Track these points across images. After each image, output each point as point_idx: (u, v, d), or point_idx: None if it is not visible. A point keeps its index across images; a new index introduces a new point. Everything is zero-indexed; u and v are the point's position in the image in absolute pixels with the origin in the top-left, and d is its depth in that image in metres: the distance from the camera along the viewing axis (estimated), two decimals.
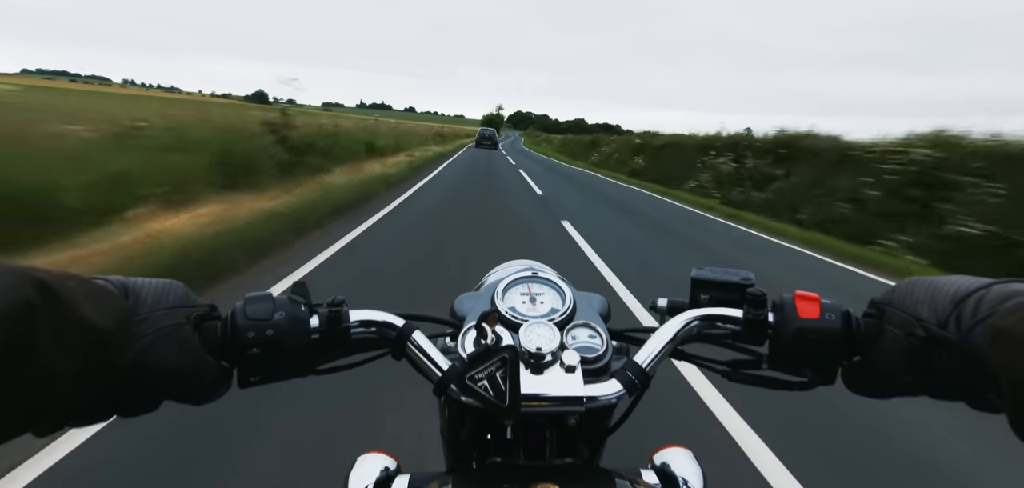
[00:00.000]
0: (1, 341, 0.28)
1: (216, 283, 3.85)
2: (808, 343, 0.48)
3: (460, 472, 0.56)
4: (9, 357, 0.29)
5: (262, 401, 1.86)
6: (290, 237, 5.26)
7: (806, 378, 0.50)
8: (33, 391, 0.31)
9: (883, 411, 2.48)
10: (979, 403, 0.41)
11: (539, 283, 0.60)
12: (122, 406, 0.40)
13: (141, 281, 0.42)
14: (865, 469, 2.19)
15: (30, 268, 0.32)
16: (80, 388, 0.35)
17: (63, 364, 0.32)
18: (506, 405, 0.43)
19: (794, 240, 8.69)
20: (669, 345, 0.52)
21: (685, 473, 0.54)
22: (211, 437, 2.02)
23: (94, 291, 0.37)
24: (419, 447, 1.98)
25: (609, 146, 30.14)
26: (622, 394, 0.48)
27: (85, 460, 1.88)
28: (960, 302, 0.41)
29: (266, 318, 0.45)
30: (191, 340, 0.42)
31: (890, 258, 7.74)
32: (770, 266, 6.51)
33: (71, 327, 0.33)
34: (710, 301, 0.56)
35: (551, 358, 0.48)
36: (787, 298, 0.50)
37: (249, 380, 0.47)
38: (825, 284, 5.79)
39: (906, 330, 0.43)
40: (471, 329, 0.52)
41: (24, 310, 0.30)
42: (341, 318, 0.50)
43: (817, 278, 6.18)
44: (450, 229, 6.73)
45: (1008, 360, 0.36)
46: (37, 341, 0.31)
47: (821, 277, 6.25)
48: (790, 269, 6.54)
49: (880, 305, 0.47)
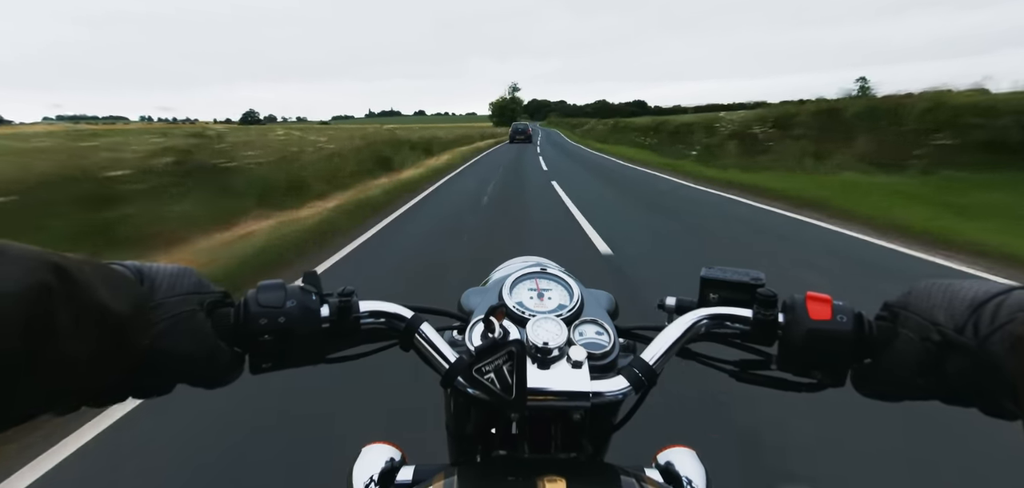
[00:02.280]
0: (19, 324, 0.29)
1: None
2: (818, 345, 0.47)
3: (465, 465, 0.56)
4: (27, 339, 0.30)
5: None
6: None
7: (816, 380, 0.50)
8: (51, 373, 0.32)
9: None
10: (994, 410, 0.41)
11: (547, 279, 0.60)
12: (136, 388, 0.41)
13: (156, 267, 0.43)
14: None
15: (47, 252, 0.33)
16: (96, 370, 0.35)
17: (80, 347, 0.33)
18: (512, 399, 0.43)
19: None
20: (677, 343, 0.52)
21: (689, 473, 0.54)
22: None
23: (110, 276, 0.37)
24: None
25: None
26: (628, 391, 0.48)
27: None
28: (978, 307, 0.40)
29: (278, 306, 0.46)
30: (205, 326, 0.43)
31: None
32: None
33: (87, 311, 0.34)
34: (719, 300, 0.56)
35: (558, 353, 0.48)
36: (798, 299, 0.49)
37: (261, 366, 0.47)
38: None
39: (921, 334, 0.43)
40: (479, 323, 0.52)
41: (41, 293, 0.31)
42: (351, 308, 0.50)
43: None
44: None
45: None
46: (55, 324, 0.31)
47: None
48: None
49: (894, 308, 0.46)
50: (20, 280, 0.30)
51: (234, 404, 2.26)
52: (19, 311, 0.29)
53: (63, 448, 2.09)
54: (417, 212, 8.05)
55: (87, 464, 2.02)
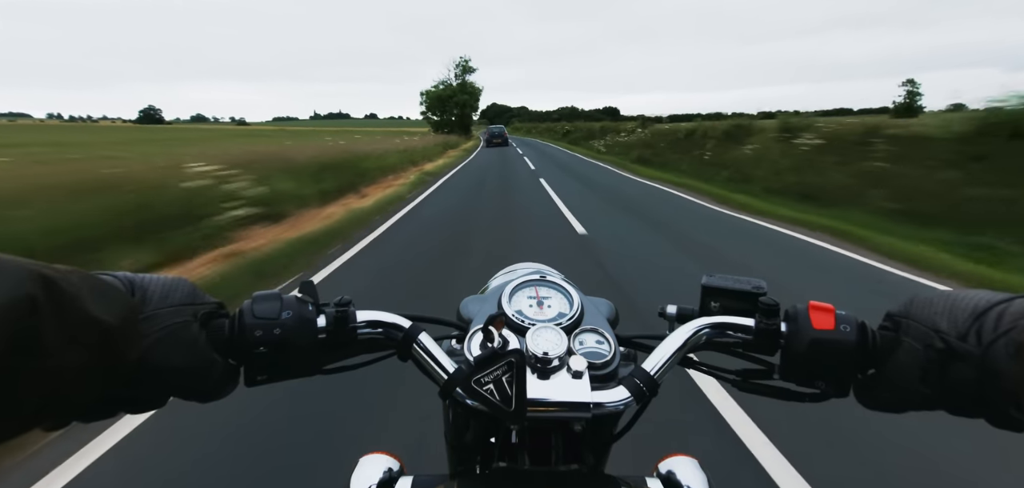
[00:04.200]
0: (4, 338, 0.28)
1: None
2: (821, 355, 0.47)
3: (464, 476, 0.55)
4: (13, 354, 0.29)
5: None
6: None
7: (818, 389, 0.49)
8: (38, 387, 0.31)
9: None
10: (999, 420, 0.40)
11: (547, 287, 0.60)
12: (129, 402, 0.40)
13: (148, 277, 0.42)
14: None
15: (34, 263, 0.32)
16: (86, 384, 0.34)
17: (68, 360, 0.32)
18: (512, 410, 0.43)
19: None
20: (678, 353, 0.51)
21: (691, 482, 0.53)
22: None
23: (100, 287, 0.36)
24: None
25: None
26: (629, 401, 0.48)
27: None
28: (980, 315, 0.40)
29: (274, 317, 0.45)
30: (198, 338, 0.42)
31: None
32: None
33: (76, 323, 0.33)
34: (721, 309, 0.55)
35: (558, 363, 0.48)
36: (801, 308, 0.49)
37: (256, 379, 0.47)
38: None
39: (924, 342, 0.42)
40: (478, 332, 0.51)
41: (27, 306, 0.30)
42: (348, 318, 0.49)
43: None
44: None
45: None
46: (41, 337, 0.30)
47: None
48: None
49: (896, 318, 0.46)
50: (5, 293, 0.29)
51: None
52: (4, 325, 0.28)
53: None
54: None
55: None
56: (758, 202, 8.79)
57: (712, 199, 9.52)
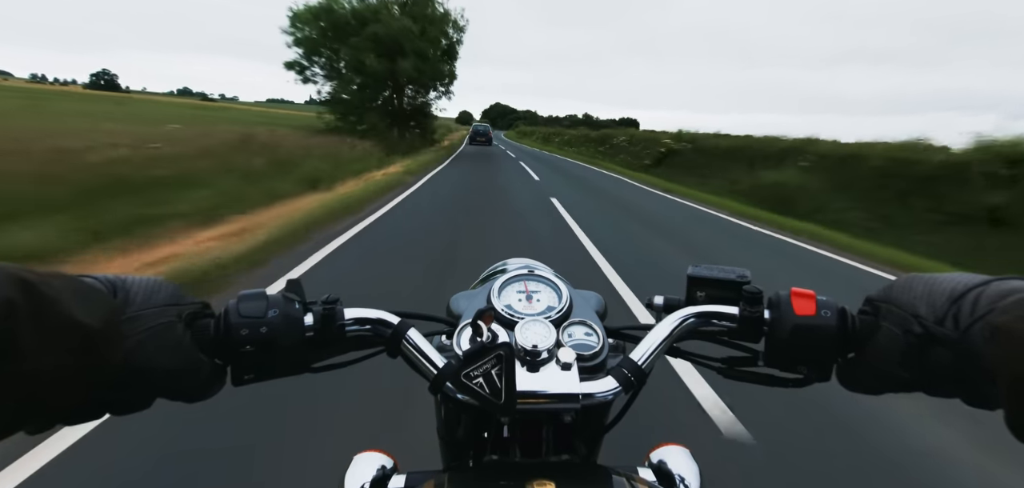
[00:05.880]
0: None
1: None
2: (804, 340, 0.48)
3: (456, 470, 0.55)
4: None
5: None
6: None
7: (802, 375, 0.50)
8: (18, 391, 0.31)
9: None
10: (976, 400, 0.41)
11: (535, 281, 0.60)
12: (114, 404, 0.40)
13: (130, 278, 0.41)
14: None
15: (13, 267, 0.31)
16: (69, 387, 0.34)
17: (49, 363, 0.32)
18: (502, 403, 0.43)
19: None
20: (665, 342, 0.52)
21: (682, 471, 0.54)
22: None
23: (81, 289, 0.36)
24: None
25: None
26: (618, 391, 0.48)
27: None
28: (958, 299, 0.41)
29: (260, 316, 0.45)
30: (183, 338, 0.42)
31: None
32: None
33: (56, 326, 0.32)
34: (706, 298, 0.56)
35: (547, 355, 0.48)
36: (783, 295, 0.50)
37: (243, 378, 0.46)
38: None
39: (903, 327, 0.43)
40: (467, 327, 0.51)
41: (5, 309, 0.29)
42: (335, 316, 0.49)
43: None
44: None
45: (1006, 357, 0.36)
46: (19, 341, 0.30)
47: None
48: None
49: (876, 302, 0.47)
50: None
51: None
52: None
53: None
54: None
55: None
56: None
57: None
